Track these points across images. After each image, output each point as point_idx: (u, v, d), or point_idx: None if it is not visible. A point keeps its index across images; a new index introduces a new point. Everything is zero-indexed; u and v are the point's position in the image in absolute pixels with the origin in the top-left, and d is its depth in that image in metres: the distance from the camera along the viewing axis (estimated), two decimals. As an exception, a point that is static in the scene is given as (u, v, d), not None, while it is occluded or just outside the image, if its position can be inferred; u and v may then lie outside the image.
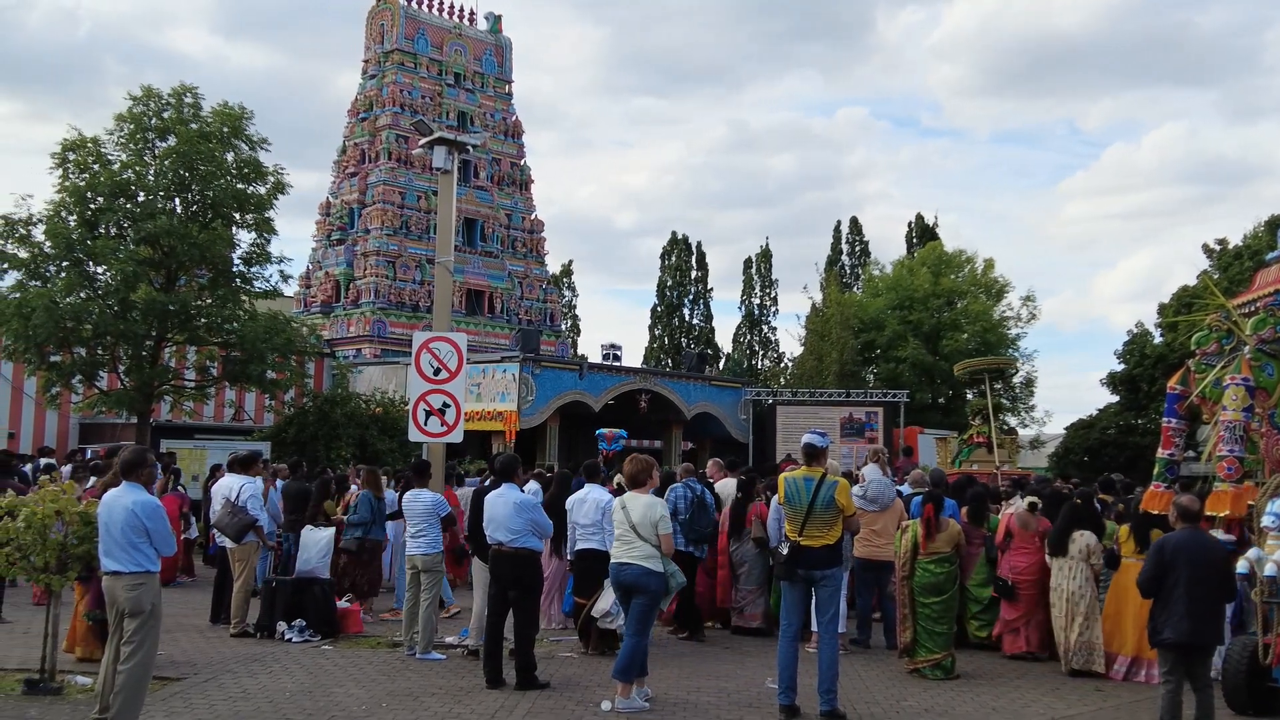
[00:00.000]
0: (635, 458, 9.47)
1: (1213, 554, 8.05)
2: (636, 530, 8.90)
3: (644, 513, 8.95)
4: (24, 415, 27.84)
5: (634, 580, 8.90)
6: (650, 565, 8.86)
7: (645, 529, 8.88)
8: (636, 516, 8.94)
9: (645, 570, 8.86)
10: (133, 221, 21.47)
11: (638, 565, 8.87)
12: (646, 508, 8.98)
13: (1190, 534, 8.09)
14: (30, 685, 8.79)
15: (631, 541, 8.91)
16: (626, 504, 9.06)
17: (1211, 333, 12.01)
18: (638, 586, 8.88)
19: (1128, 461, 31.25)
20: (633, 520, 8.94)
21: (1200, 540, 8.08)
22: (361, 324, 39.38)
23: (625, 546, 8.96)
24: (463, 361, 12.13)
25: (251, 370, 22.60)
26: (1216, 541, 8.67)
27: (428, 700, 8.96)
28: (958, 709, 9.19)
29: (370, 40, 43.38)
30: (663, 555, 8.92)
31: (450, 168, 13.14)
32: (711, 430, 36.10)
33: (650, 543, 8.87)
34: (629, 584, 8.94)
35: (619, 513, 9.11)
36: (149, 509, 7.71)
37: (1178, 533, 8.19)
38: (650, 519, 8.91)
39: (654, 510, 8.98)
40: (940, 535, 10.60)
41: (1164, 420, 12.19)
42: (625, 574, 8.96)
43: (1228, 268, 33.98)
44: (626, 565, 8.93)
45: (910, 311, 45.36)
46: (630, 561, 8.90)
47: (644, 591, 8.88)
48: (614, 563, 9.10)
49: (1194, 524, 8.19)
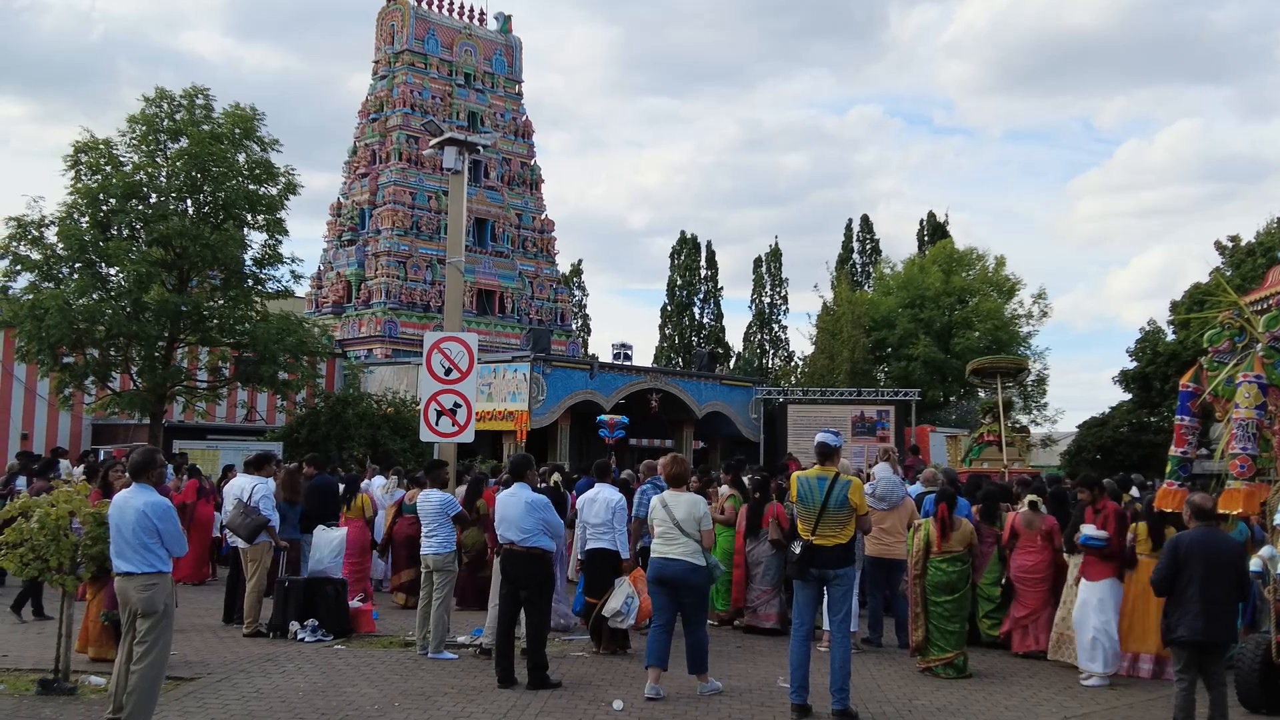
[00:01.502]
0: (676, 458, 9.92)
1: (1227, 552, 8.02)
2: (680, 527, 9.25)
3: (688, 510, 9.31)
4: (37, 416, 28.00)
5: (679, 575, 9.23)
6: (694, 560, 9.23)
7: (689, 525, 9.25)
8: (680, 514, 9.29)
9: (690, 565, 9.22)
10: (145, 223, 21.56)
11: (682, 561, 9.22)
12: (690, 505, 9.35)
13: (1204, 532, 8.07)
14: (45, 685, 8.82)
15: (675, 538, 9.26)
16: (668, 502, 9.41)
17: (1224, 330, 11.96)
18: (683, 581, 9.23)
19: (1140, 460, 31.08)
20: (677, 517, 9.28)
21: (1214, 538, 8.06)
22: (373, 324, 39.47)
23: (668, 543, 9.31)
24: (474, 361, 12.15)
25: (263, 371, 22.69)
26: (1231, 539, 8.64)
27: (440, 700, 8.97)
28: (970, 708, 9.17)
29: (381, 41, 43.47)
30: (704, 550, 9.30)
31: (461, 168, 13.15)
32: (722, 429, 36.09)
33: (693, 538, 9.25)
34: (674, 579, 9.26)
35: (660, 510, 9.42)
36: (160, 510, 7.74)
37: (1192, 531, 8.17)
38: (694, 515, 9.29)
39: (697, 508, 9.36)
40: (954, 534, 10.59)
41: (1177, 418, 12.14)
42: (670, 569, 9.27)
43: (1240, 265, 33.76)
44: (671, 561, 9.27)
45: (921, 310, 45.27)
46: (675, 557, 9.25)
47: (689, 585, 9.25)
48: (657, 558, 9.40)
49: (1208, 522, 8.17)
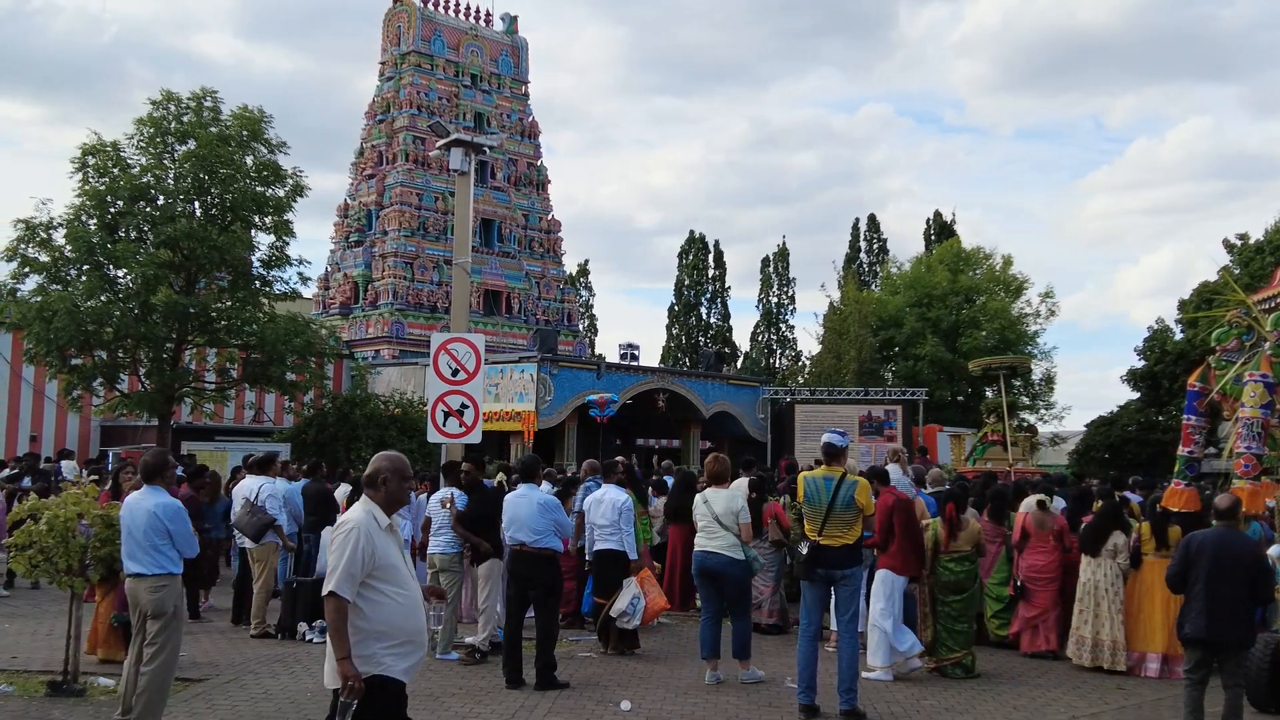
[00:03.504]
0: (718, 457, 10.33)
1: (1238, 552, 7.95)
2: (720, 521, 9.68)
3: (726, 505, 9.72)
4: (45, 418, 28.05)
5: (719, 567, 9.69)
6: (733, 554, 9.66)
7: (728, 519, 9.66)
8: (720, 509, 9.70)
9: (729, 559, 9.65)
10: (152, 225, 21.58)
11: (722, 554, 9.66)
12: (728, 500, 9.76)
13: (1218, 531, 8.05)
14: (54, 687, 8.85)
15: (715, 532, 9.71)
16: (709, 498, 9.85)
17: (1232, 329, 11.96)
18: (723, 572, 9.69)
19: (1149, 458, 31.05)
20: (716, 512, 9.71)
21: (1227, 538, 8.01)
22: (380, 325, 39.48)
23: (710, 537, 9.76)
24: (480, 362, 12.18)
25: (271, 372, 22.73)
26: (1246, 539, 8.52)
27: (448, 700, 8.99)
28: (978, 708, 9.16)
29: (387, 42, 43.47)
30: (743, 543, 9.71)
31: (467, 169, 13.20)
32: (730, 429, 36.07)
33: (732, 532, 9.65)
34: (714, 570, 9.73)
35: (701, 506, 9.88)
36: (171, 511, 7.77)
37: (1207, 529, 8.18)
38: (732, 510, 9.70)
39: (734, 502, 9.77)
40: (961, 534, 10.59)
41: (1184, 417, 12.13)
42: (711, 561, 9.73)
43: (1249, 263, 33.69)
44: (712, 554, 9.72)
45: (929, 309, 45.22)
46: (714, 550, 9.70)
47: (729, 577, 9.69)
48: (699, 551, 9.88)
49: (1227, 522, 8.13)
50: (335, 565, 4.94)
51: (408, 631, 5.07)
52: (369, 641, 4.95)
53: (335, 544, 5.01)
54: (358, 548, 4.94)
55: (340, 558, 4.93)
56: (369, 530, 5.02)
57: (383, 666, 4.97)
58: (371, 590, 4.98)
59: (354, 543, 4.95)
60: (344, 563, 4.91)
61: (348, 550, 4.93)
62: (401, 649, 5.04)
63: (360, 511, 5.11)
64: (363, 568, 4.95)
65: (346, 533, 5.00)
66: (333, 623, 4.91)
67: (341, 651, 4.87)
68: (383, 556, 5.03)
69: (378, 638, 4.97)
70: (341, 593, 4.90)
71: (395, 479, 5.21)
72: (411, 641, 5.10)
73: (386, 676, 4.98)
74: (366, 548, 4.96)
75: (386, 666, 4.98)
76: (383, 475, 5.20)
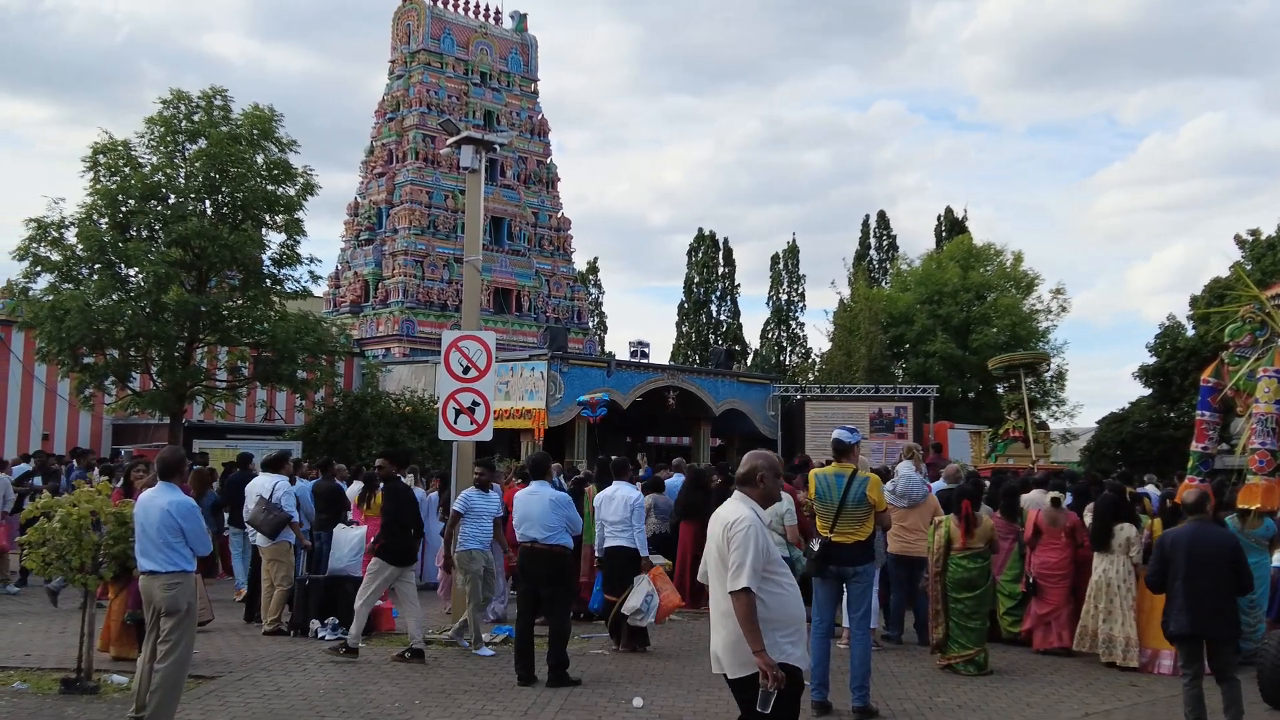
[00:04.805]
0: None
1: (1214, 546, 7.85)
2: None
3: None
4: (58, 417, 28.13)
5: None
6: None
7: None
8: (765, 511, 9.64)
9: None
10: (164, 224, 21.63)
11: None
12: None
13: (1191, 527, 7.98)
14: (67, 684, 8.88)
15: None
16: None
17: (1244, 324, 11.92)
18: None
19: (1160, 455, 30.98)
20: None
21: (1201, 533, 7.92)
22: (390, 323, 39.56)
23: None
24: (491, 360, 12.17)
25: (282, 370, 22.78)
26: (1221, 532, 8.38)
27: (461, 697, 9.00)
28: (991, 704, 9.14)
29: (397, 41, 43.54)
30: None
31: (477, 167, 13.17)
32: (740, 427, 36.04)
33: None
34: None
35: None
36: (184, 509, 7.78)
37: (1179, 527, 8.15)
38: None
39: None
40: (976, 531, 10.56)
41: (1197, 413, 12.12)
42: None
43: (1261, 259, 33.57)
44: None
45: (939, 306, 45.07)
46: None
47: None
48: None
49: (1196, 516, 8.06)
50: (741, 561, 5.09)
51: (797, 619, 5.29)
52: (770, 631, 5.12)
53: (736, 541, 5.16)
54: (759, 543, 5.14)
55: (745, 554, 5.10)
56: (761, 526, 5.24)
57: (785, 654, 5.15)
58: (768, 583, 5.19)
59: (755, 538, 5.14)
60: (749, 558, 5.09)
61: (751, 546, 5.12)
62: (795, 636, 5.26)
63: (747, 509, 5.30)
64: (764, 562, 5.15)
65: (746, 529, 5.18)
66: (745, 617, 5.05)
67: (758, 644, 5.03)
68: (772, 550, 5.28)
69: (777, 627, 5.16)
70: (753, 587, 5.06)
71: (771, 476, 5.47)
72: (800, 630, 5.32)
73: (789, 664, 5.16)
74: (763, 542, 5.18)
75: (788, 654, 5.17)
76: (760, 473, 5.45)
